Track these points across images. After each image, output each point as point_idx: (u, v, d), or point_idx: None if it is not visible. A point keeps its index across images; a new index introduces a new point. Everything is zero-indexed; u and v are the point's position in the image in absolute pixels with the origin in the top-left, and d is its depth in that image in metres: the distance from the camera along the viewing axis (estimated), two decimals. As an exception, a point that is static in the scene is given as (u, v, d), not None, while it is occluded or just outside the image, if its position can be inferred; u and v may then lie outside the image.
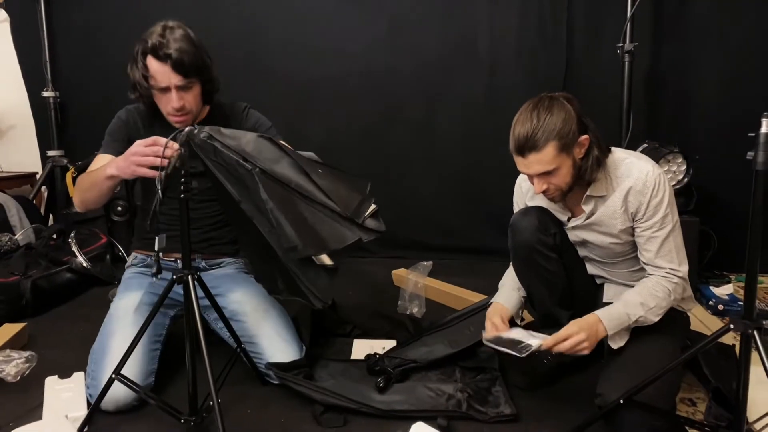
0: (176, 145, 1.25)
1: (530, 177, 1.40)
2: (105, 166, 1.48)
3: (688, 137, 2.50)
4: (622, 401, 1.24)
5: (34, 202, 2.96)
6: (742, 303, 2.14)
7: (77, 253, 2.41)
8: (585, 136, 1.35)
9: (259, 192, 1.25)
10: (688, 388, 1.56)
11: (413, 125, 2.85)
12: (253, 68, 2.86)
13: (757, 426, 1.23)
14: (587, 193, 1.42)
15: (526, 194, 1.61)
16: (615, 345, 1.37)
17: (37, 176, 3.14)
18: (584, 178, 1.39)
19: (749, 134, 1.10)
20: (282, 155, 1.26)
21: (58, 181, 3.00)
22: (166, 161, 1.28)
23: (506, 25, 2.70)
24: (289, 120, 2.67)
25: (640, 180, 1.36)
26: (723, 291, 2.19)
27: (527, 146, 1.31)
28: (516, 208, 1.63)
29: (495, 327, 1.48)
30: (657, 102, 2.61)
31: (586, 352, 1.32)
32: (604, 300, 1.53)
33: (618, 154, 1.43)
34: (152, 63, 1.52)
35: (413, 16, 2.78)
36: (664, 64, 2.58)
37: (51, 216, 3.07)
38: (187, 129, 1.25)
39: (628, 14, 2.33)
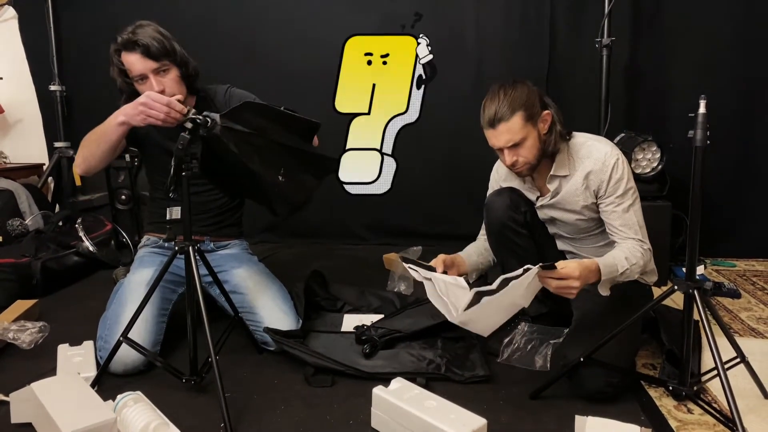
0: (186, 109, 1.42)
1: (500, 151, 1.52)
2: (113, 115, 1.59)
3: (663, 127, 2.62)
4: (582, 359, 1.37)
5: (42, 191, 3.09)
6: (710, 281, 2.29)
7: (84, 238, 2.53)
8: (547, 111, 1.49)
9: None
10: (651, 355, 1.69)
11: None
12: (248, 61, 2.97)
13: (704, 378, 1.36)
14: (551, 172, 1.55)
15: (501, 177, 1.74)
16: (604, 292, 1.45)
17: (44, 167, 3.26)
18: (548, 152, 1.52)
19: (689, 114, 1.23)
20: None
21: (65, 171, 3.12)
22: (173, 121, 1.46)
23: (491, 22, 2.82)
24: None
25: (599, 160, 1.49)
26: (694, 272, 2.32)
27: (497, 118, 1.45)
28: (491, 190, 1.76)
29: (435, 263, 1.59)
30: (634, 94, 2.73)
31: (572, 296, 1.36)
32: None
33: (579, 138, 1.56)
34: (125, 56, 1.65)
35: (404, 12, 2.90)
36: (641, 57, 2.71)
37: (57, 205, 3.19)
38: (202, 119, 1.36)
39: (606, 10, 2.45)
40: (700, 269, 2.42)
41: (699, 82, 2.62)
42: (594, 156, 1.51)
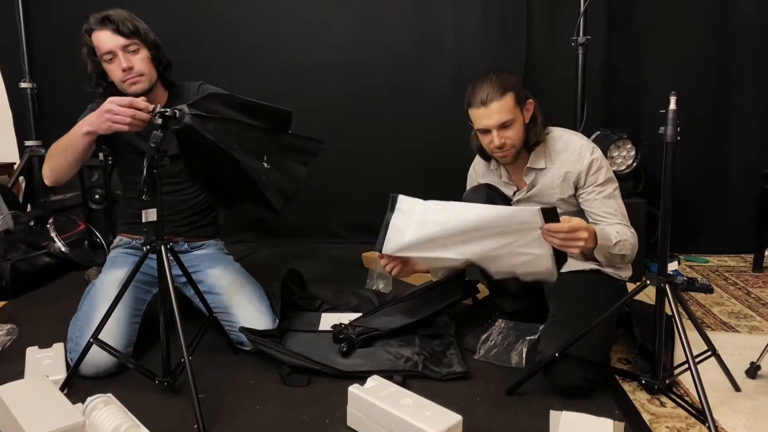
0: (151, 106, 1.37)
1: (487, 133, 1.52)
2: (78, 125, 1.55)
3: (638, 124, 2.66)
4: (557, 354, 1.38)
5: (13, 191, 3.01)
6: (683, 277, 2.32)
7: (55, 238, 2.48)
8: (530, 101, 1.51)
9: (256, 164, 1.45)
10: (626, 350, 1.71)
11: (383, 115, 2.97)
12: (230, 59, 2.95)
13: (675, 372, 1.38)
14: (528, 165, 1.56)
15: (478, 175, 1.75)
16: (599, 257, 1.43)
17: (15, 166, 3.19)
18: (530, 142, 1.53)
19: (660, 111, 1.24)
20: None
21: (36, 170, 3.05)
22: (141, 123, 1.40)
23: (470, 20, 2.83)
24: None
25: (575, 152, 1.52)
26: (669, 267, 2.36)
27: (489, 97, 1.47)
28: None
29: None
30: (610, 92, 2.76)
31: (576, 250, 1.30)
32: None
33: (556, 132, 1.58)
34: (96, 34, 1.66)
35: (383, 11, 2.90)
36: (617, 56, 2.74)
37: (29, 205, 3.11)
38: (170, 111, 1.32)
39: (581, 9, 2.47)
40: (673, 265, 2.46)
41: (673, 81, 2.66)
42: (570, 149, 1.53)
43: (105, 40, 1.64)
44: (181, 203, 1.85)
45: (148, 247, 1.40)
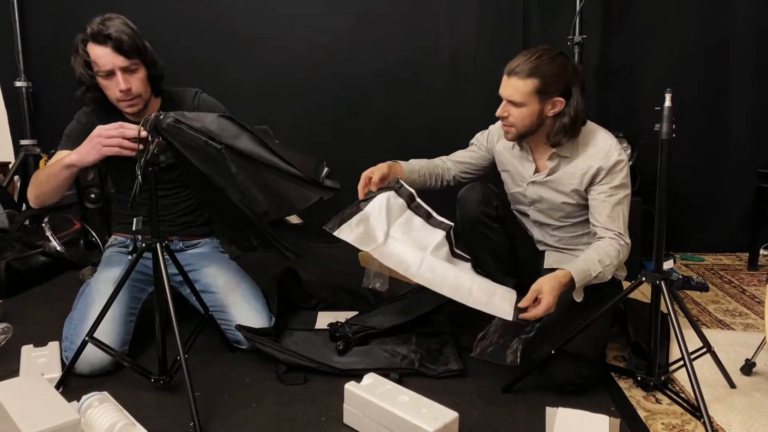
0: (144, 132, 1.32)
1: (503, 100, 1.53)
2: (63, 157, 1.55)
3: (635, 123, 2.65)
4: (553, 352, 1.38)
5: (8, 190, 3.00)
6: (679, 275, 2.33)
7: (51, 238, 2.47)
8: (561, 99, 1.48)
9: (228, 166, 1.36)
10: (622, 348, 1.71)
11: (378, 116, 2.96)
12: (223, 61, 2.94)
13: (671, 369, 1.39)
14: (554, 150, 1.56)
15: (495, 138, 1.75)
16: (578, 298, 1.47)
17: (10, 165, 3.17)
18: (547, 137, 1.53)
19: (656, 108, 1.25)
20: (241, 131, 1.37)
21: (31, 169, 3.04)
22: (134, 145, 1.37)
23: (466, 19, 2.82)
24: (257, 111, 2.77)
25: (603, 149, 1.51)
26: (664, 265, 2.36)
27: (515, 70, 1.47)
28: (477, 141, 1.80)
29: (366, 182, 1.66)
30: (606, 91, 2.77)
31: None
32: (545, 266, 1.67)
33: (590, 125, 1.57)
34: (93, 48, 1.58)
35: (379, 11, 2.89)
36: (613, 55, 2.74)
37: (24, 204, 3.10)
38: (153, 115, 1.32)
39: (577, 8, 2.48)
40: (669, 263, 2.47)
41: (669, 80, 2.64)
42: (599, 144, 1.52)
43: (103, 57, 1.57)
44: (174, 205, 1.84)
45: (143, 245, 1.40)
